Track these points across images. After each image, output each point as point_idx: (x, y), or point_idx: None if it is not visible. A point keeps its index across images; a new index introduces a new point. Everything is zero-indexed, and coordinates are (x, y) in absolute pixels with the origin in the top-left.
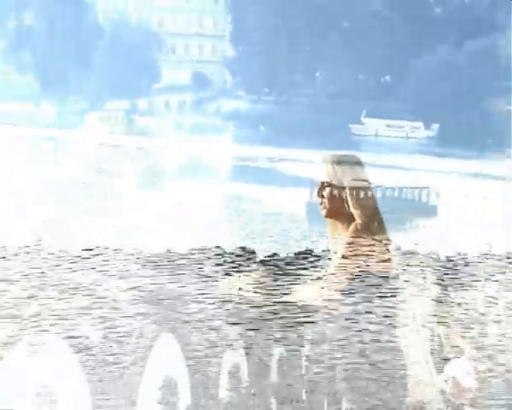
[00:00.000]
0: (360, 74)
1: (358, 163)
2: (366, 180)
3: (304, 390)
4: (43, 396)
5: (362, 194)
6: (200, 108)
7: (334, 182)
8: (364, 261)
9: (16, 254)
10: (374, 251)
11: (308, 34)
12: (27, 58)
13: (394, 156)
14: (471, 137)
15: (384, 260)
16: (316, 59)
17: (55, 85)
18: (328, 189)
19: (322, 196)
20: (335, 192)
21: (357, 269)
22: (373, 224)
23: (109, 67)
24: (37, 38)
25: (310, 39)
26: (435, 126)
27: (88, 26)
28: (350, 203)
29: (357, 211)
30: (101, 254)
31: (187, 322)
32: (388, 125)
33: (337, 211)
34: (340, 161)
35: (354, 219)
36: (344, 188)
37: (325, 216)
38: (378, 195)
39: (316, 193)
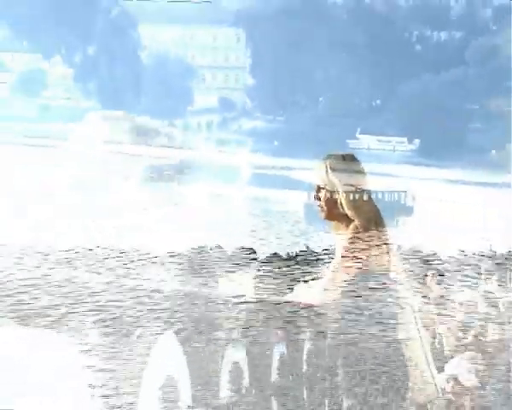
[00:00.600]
0: (355, 99)
1: (354, 166)
2: (361, 182)
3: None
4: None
5: (356, 196)
6: (224, 127)
7: (328, 186)
8: (364, 260)
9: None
10: (373, 250)
11: (312, 66)
12: (91, 86)
13: (383, 166)
14: (447, 150)
15: (383, 259)
16: (319, 86)
17: (113, 107)
18: (323, 192)
19: (319, 199)
20: (330, 195)
21: (357, 268)
22: (371, 224)
23: (153, 92)
24: (99, 69)
25: (314, 70)
26: (417, 141)
27: (136, 58)
28: (344, 205)
29: (352, 212)
30: (176, 255)
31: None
32: (379, 140)
33: (335, 213)
34: (333, 165)
35: (351, 221)
36: (338, 191)
37: (324, 218)
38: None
39: (313, 196)
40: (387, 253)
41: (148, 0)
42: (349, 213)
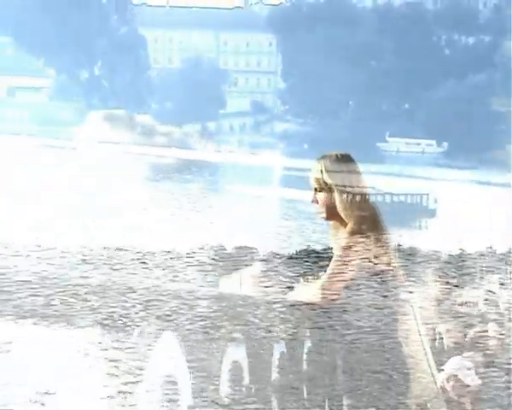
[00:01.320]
0: (384, 102)
1: (349, 166)
2: (356, 183)
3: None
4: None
5: (349, 197)
6: (257, 130)
7: (324, 187)
8: (362, 260)
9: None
10: (370, 251)
11: (343, 70)
12: (120, 89)
13: (412, 168)
14: (474, 153)
15: (382, 259)
16: (349, 91)
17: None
18: (321, 194)
19: (317, 202)
20: (328, 197)
21: (355, 268)
22: (365, 226)
23: (186, 96)
24: (126, 74)
25: (344, 74)
26: (445, 144)
27: (168, 64)
28: (338, 207)
29: (346, 214)
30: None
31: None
32: (407, 143)
33: (334, 214)
34: (328, 167)
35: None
36: (332, 193)
37: (325, 219)
38: (387, 200)
39: (311, 199)
40: (386, 253)
41: (183, 7)
42: (342, 214)
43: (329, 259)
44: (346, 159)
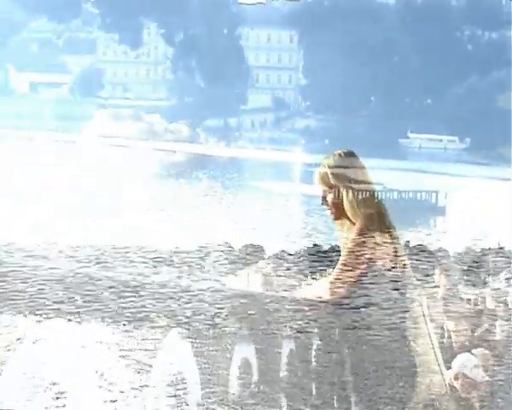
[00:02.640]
0: (406, 98)
1: (353, 164)
2: (361, 180)
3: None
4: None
5: (356, 196)
6: (278, 126)
7: (331, 188)
8: (370, 258)
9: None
10: (379, 249)
11: (364, 66)
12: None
13: (434, 164)
14: (496, 149)
15: (390, 256)
16: (370, 87)
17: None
18: (330, 195)
19: (327, 204)
20: (336, 197)
21: (364, 265)
22: (373, 223)
23: (208, 92)
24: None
25: (365, 71)
26: (468, 140)
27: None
28: (345, 206)
29: (352, 213)
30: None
31: None
32: (430, 139)
33: (343, 213)
34: (332, 166)
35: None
36: (340, 193)
37: (334, 219)
38: (394, 197)
39: (320, 201)
40: (394, 251)
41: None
42: (349, 213)
43: (338, 256)
44: (350, 156)
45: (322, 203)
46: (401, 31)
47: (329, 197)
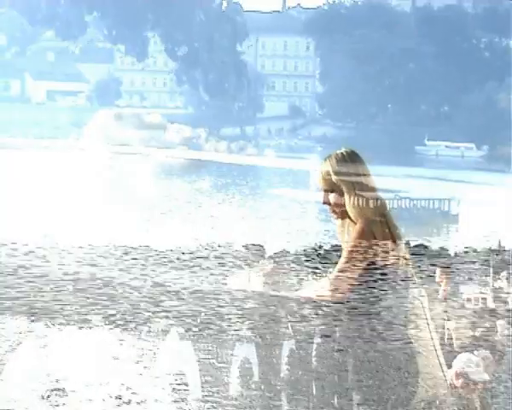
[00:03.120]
0: (423, 106)
1: (356, 163)
2: (364, 179)
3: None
4: None
5: (359, 195)
6: (294, 133)
7: (334, 188)
8: (371, 258)
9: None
10: (379, 249)
11: (381, 74)
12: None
13: (452, 171)
14: None
15: (391, 256)
16: (387, 94)
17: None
18: (332, 196)
19: (329, 204)
20: (337, 197)
21: (364, 265)
22: (375, 222)
23: (225, 101)
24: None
25: (382, 78)
26: (485, 147)
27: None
28: (346, 206)
29: (354, 211)
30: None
31: None
32: (447, 147)
33: (345, 214)
34: (335, 167)
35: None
36: (343, 193)
37: (336, 219)
38: (406, 205)
39: (322, 200)
40: (396, 251)
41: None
42: (351, 213)
43: (338, 256)
44: (352, 156)
45: (324, 202)
46: (418, 38)
47: (332, 197)
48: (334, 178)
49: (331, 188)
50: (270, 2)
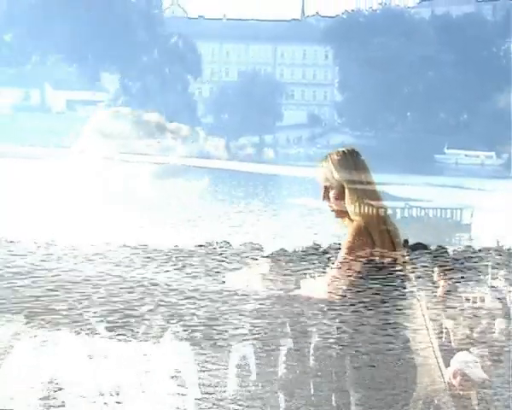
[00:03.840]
0: (442, 114)
1: (357, 161)
2: (365, 177)
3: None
4: None
5: (358, 192)
6: (313, 142)
7: (334, 184)
8: (367, 256)
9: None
10: (377, 247)
11: (400, 82)
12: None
13: (472, 179)
14: None
15: (389, 255)
16: (406, 102)
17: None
18: (332, 192)
19: (329, 199)
20: (338, 193)
21: (361, 264)
22: (373, 220)
23: (244, 109)
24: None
25: (401, 87)
26: (505, 156)
27: (225, 77)
28: (346, 202)
29: (354, 208)
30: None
31: None
32: (466, 155)
33: (344, 211)
34: (337, 163)
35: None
36: (344, 189)
37: (336, 217)
38: (417, 214)
39: (322, 197)
40: (394, 249)
41: (240, 20)
42: (350, 209)
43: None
44: (353, 154)
45: (324, 199)
46: (437, 46)
47: (331, 194)
48: (335, 173)
49: (331, 184)
50: (289, 10)
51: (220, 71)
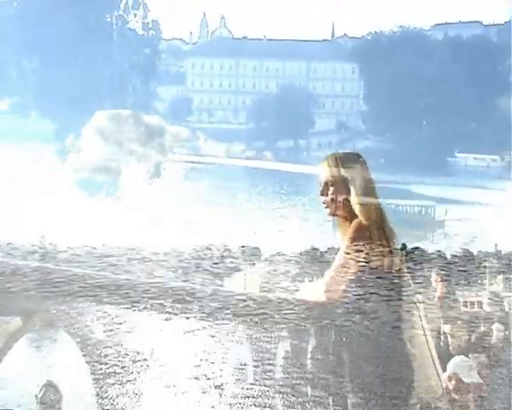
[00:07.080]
0: (453, 122)
1: (360, 163)
2: (367, 179)
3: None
4: None
5: (356, 195)
6: (341, 146)
7: (337, 181)
8: (366, 258)
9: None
10: (374, 249)
11: (417, 94)
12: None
13: (479, 180)
14: None
15: (387, 258)
16: (422, 113)
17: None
18: (332, 188)
19: (326, 195)
20: (339, 191)
21: (359, 266)
22: (373, 221)
23: (280, 117)
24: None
25: (418, 98)
26: (507, 159)
27: (265, 89)
28: (352, 200)
29: (359, 207)
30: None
31: None
32: (475, 158)
33: (341, 209)
34: (343, 162)
35: (356, 217)
36: (348, 187)
37: (329, 214)
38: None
39: (320, 192)
40: (390, 252)
41: (278, 40)
42: (357, 208)
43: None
44: (355, 157)
45: (322, 194)
46: (449, 64)
47: (331, 190)
48: (335, 172)
49: (335, 181)
50: (321, 32)
51: (261, 84)
